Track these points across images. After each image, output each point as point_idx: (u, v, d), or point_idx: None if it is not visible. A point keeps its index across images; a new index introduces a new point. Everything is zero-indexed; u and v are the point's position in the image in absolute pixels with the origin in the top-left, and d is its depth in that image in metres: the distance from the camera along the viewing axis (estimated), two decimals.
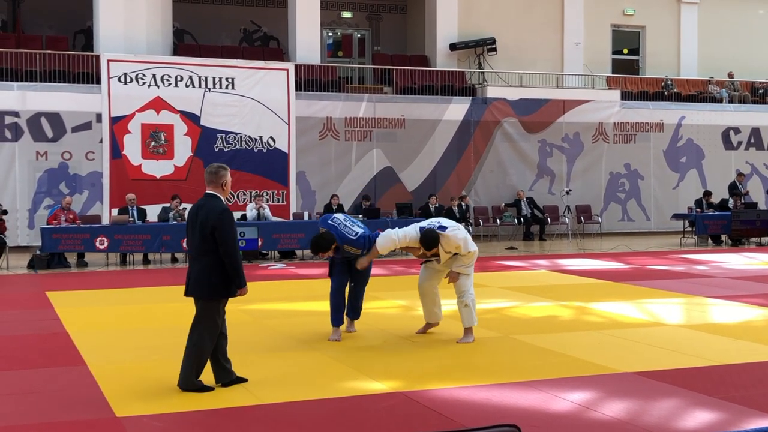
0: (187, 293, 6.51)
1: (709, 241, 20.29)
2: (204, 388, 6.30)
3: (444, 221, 8.29)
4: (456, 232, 8.02)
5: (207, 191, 6.59)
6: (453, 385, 6.41)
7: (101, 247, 15.79)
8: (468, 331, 8.15)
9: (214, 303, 6.43)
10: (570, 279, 13.47)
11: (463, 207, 19.27)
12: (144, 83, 19.03)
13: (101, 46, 19.77)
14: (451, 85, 22.22)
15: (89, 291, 12.52)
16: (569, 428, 5.44)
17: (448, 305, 8.78)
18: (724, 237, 20.07)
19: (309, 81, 20.89)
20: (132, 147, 18.97)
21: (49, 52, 19.48)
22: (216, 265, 6.34)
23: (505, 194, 21.99)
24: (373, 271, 14.79)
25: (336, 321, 8.36)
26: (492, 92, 22.17)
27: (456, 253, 8.06)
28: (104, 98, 18.78)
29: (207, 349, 6.40)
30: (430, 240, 7.96)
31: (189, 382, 6.31)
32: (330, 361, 7.34)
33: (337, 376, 6.81)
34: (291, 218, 18.70)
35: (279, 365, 7.32)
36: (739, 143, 24.34)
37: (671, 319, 9.44)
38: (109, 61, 18.88)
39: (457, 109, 21.65)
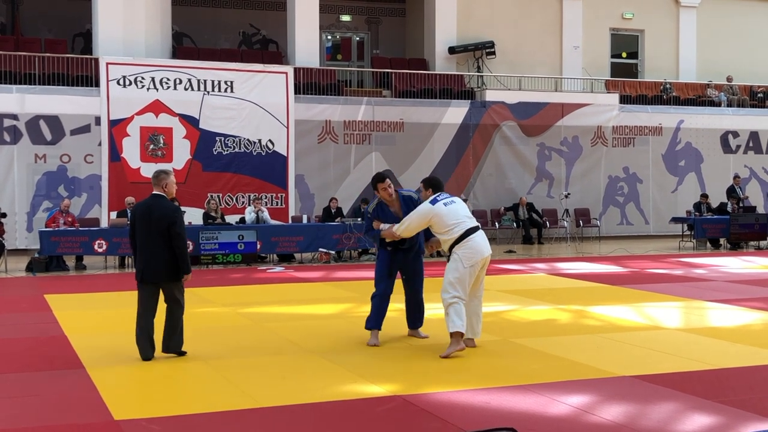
0: (158, 278, 7.56)
1: (708, 244, 20.30)
2: (181, 352, 7.65)
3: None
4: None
5: (153, 192, 7.60)
6: (451, 389, 6.41)
7: (100, 250, 15.78)
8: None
9: (178, 282, 7.61)
10: (568, 282, 13.47)
11: None
12: (143, 86, 19.05)
13: (100, 49, 19.78)
14: (450, 89, 22.23)
15: (88, 294, 12.52)
16: None
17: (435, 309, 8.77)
18: (722, 241, 20.08)
19: (308, 84, 20.90)
20: (131, 150, 18.98)
21: (48, 55, 19.49)
22: (173, 254, 7.50)
23: (503, 197, 22.00)
24: (369, 274, 14.82)
25: (376, 324, 8.19)
26: (491, 96, 22.18)
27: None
28: (103, 101, 18.80)
29: (182, 317, 7.69)
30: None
31: (171, 346, 7.63)
32: (328, 365, 7.34)
33: (336, 380, 6.81)
34: (290, 221, 18.69)
35: (277, 368, 7.31)
36: (738, 147, 24.36)
37: (670, 323, 9.45)
38: (107, 64, 18.90)
39: (455, 113, 21.67)
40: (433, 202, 7.81)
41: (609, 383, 6.62)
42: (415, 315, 8.51)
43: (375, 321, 8.22)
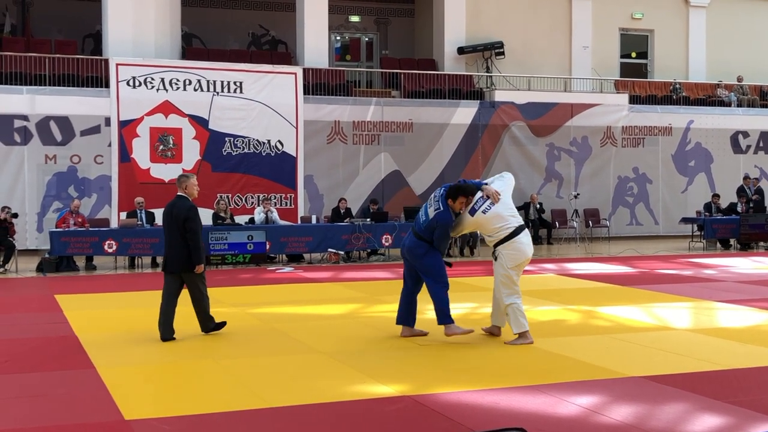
0: (177, 269, 8.56)
1: (718, 245, 20.24)
2: (218, 325, 8.77)
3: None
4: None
5: (177, 193, 8.65)
6: (460, 389, 6.41)
7: (110, 250, 15.83)
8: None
9: (192, 273, 8.53)
10: (578, 283, 13.45)
11: None
12: (152, 87, 19.11)
13: (110, 50, 19.84)
14: (459, 89, 22.23)
15: (98, 294, 12.56)
16: None
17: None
18: (732, 241, 20.01)
19: (317, 85, 20.93)
20: (140, 150, 19.04)
21: (58, 56, 19.57)
22: (187, 247, 8.48)
23: (513, 198, 21.90)
24: (378, 274, 14.87)
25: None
26: (500, 96, 22.17)
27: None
28: (113, 102, 18.86)
29: (208, 303, 8.70)
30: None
31: (207, 326, 8.70)
32: (338, 365, 7.35)
33: (345, 380, 6.82)
34: (299, 222, 18.71)
35: (287, 368, 7.33)
36: (748, 147, 24.28)
37: (679, 323, 9.43)
38: (117, 65, 18.96)
39: (465, 113, 21.66)
40: (472, 212, 8.10)
41: (618, 384, 6.61)
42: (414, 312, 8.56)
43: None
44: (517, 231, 8.05)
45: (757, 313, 10.14)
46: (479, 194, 8.16)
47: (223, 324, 8.82)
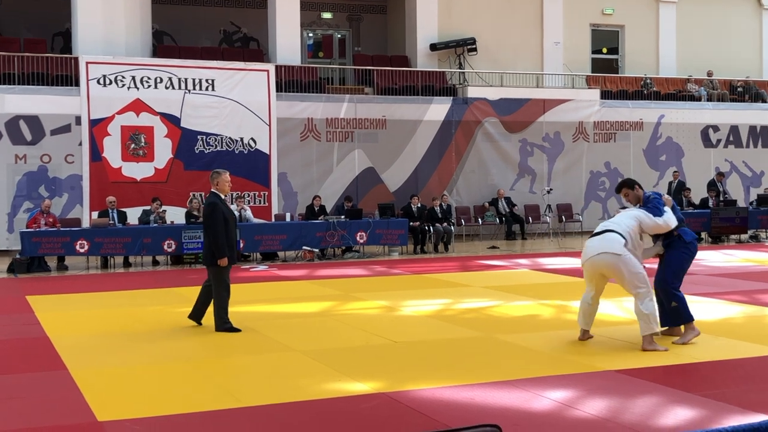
0: (203, 262, 9.27)
1: None
2: (233, 329, 8.79)
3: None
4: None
5: (211, 189, 9.20)
6: (436, 385, 6.42)
7: (81, 250, 15.70)
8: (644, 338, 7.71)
9: (218, 267, 8.84)
10: (551, 278, 13.53)
11: (444, 207, 19.32)
12: (123, 85, 18.95)
13: (80, 48, 19.66)
14: (432, 86, 22.25)
15: (70, 295, 12.45)
16: (551, 427, 5.46)
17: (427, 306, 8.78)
18: (704, 234, 20.20)
19: (289, 82, 20.87)
20: (112, 149, 18.88)
21: (28, 54, 19.36)
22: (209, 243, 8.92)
23: (486, 194, 22.05)
24: (353, 271, 14.88)
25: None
26: (473, 92, 22.22)
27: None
28: (83, 101, 18.69)
29: (225, 299, 8.89)
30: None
31: (221, 325, 8.80)
32: (312, 363, 7.34)
33: (320, 378, 6.81)
34: (273, 220, 18.66)
35: (261, 367, 7.31)
36: (718, 141, 24.52)
37: None
38: (87, 63, 18.79)
39: (438, 110, 21.69)
40: None
41: (592, 378, 6.65)
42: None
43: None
44: (593, 235, 7.97)
45: (728, 305, 10.25)
46: None
47: (234, 329, 8.82)
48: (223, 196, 9.14)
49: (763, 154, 24.91)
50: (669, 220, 7.96)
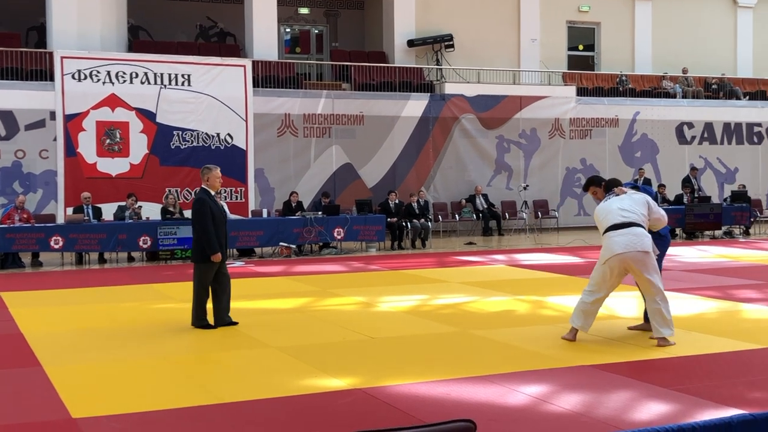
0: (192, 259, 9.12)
1: None
2: (207, 326, 8.72)
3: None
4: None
5: (201, 185, 9.05)
6: (412, 381, 6.44)
7: (56, 246, 15.58)
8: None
9: (203, 265, 8.77)
10: (527, 273, 13.59)
11: (421, 203, 19.35)
12: (98, 80, 18.80)
13: (54, 42, 19.48)
14: (410, 82, 22.27)
15: (44, 291, 12.35)
16: (525, 421, 5.50)
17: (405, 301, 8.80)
18: (678, 230, 20.37)
19: (266, 77, 20.79)
20: (87, 145, 18.72)
21: (2, 49, 19.15)
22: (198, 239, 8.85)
23: (463, 190, 22.10)
24: (330, 267, 14.87)
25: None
26: (450, 89, 22.26)
27: None
28: (58, 95, 18.52)
29: (203, 298, 8.82)
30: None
31: (197, 321, 8.76)
32: (288, 359, 7.33)
33: (296, 374, 6.81)
34: (250, 216, 18.60)
35: (237, 363, 7.29)
36: (693, 138, 24.72)
37: (626, 313, 9.57)
38: (62, 57, 18.61)
39: (415, 106, 21.71)
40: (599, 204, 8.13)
41: (567, 373, 6.70)
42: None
43: None
44: (615, 227, 7.66)
45: (702, 301, 10.35)
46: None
47: (210, 326, 8.77)
48: (213, 193, 8.96)
49: (737, 150, 25.15)
50: (665, 215, 8.10)
